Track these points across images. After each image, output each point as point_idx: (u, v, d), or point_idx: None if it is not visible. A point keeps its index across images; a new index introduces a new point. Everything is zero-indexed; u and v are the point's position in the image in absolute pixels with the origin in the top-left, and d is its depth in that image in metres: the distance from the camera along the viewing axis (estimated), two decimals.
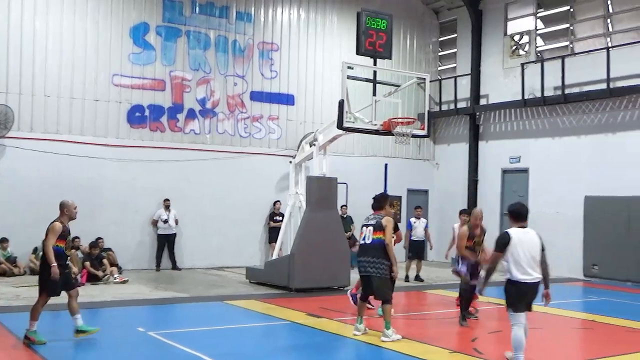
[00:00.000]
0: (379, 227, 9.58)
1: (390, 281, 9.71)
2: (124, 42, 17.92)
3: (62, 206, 9.13)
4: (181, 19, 18.72)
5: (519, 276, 7.83)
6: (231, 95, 19.47)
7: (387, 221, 9.68)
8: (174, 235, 18.17)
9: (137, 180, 17.83)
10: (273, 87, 20.19)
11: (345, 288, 14.60)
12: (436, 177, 23.47)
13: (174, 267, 18.07)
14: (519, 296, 7.87)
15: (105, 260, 15.58)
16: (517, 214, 8.09)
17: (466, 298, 11.05)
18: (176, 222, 18.09)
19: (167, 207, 17.99)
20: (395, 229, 11.23)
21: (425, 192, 23.19)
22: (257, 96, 19.90)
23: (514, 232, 7.94)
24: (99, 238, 16.17)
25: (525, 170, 20.59)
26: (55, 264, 8.74)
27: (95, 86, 17.53)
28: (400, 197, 21.90)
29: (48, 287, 8.92)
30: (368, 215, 10.01)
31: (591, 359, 8.98)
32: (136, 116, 18.06)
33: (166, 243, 18.08)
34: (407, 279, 16.78)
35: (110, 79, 17.73)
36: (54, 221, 9.03)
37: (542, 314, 12.49)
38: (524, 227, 8.03)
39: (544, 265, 8.01)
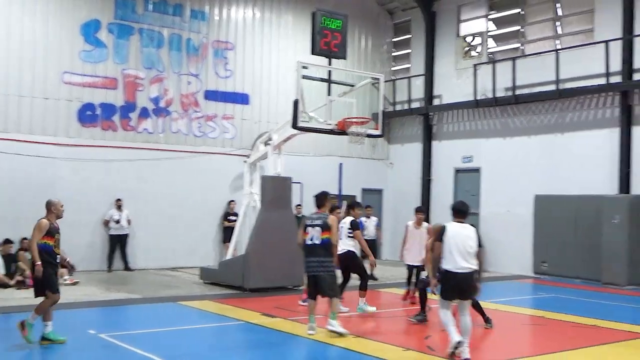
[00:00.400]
0: (326, 227, 9.77)
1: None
2: (74, 40, 17.58)
3: (49, 204, 9.16)
4: (134, 16, 18.45)
5: (451, 266, 8.42)
6: (185, 94, 19.29)
7: (332, 220, 9.88)
8: (127, 235, 17.92)
9: (88, 180, 17.51)
10: (228, 86, 20.07)
11: (300, 287, 14.65)
12: (390, 177, 23.66)
13: (126, 267, 17.82)
14: (452, 284, 8.45)
15: None
16: (457, 210, 8.83)
17: (425, 297, 11.12)
18: (129, 222, 17.84)
19: (119, 207, 17.74)
20: (355, 227, 11.41)
21: (380, 191, 23.37)
22: (211, 95, 19.76)
23: (451, 225, 8.65)
24: None
25: (477, 170, 20.92)
26: (40, 262, 8.72)
27: (44, 84, 17.15)
28: (355, 196, 21.98)
29: (47, 286, 8.86)
30: (311, 215, 10.19)
31: (541, 354, 9.15)
32: (87, 115, 17.74)
33: (118, 243, 17.82)
34: None
35: (60, 77, 17.38)
36: (40, 219, 8.98)
37: (494, 310, 12.74)
38: (463, 222, 8.69)
39: (479, 261, 8.56)
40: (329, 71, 14.60)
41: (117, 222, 17.64)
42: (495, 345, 9.93)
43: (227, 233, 18.64)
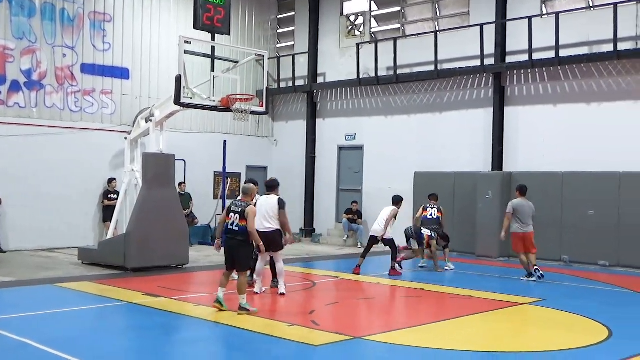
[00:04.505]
0: None
1: None
2: None
3: (250, 190, 10.18)
4: None
5: (257, 225, 10.48)
6: (60, 67, 18.37)
7: None
8: None
9: None
10: (106, 59, 19.28)
11: (184, 265, 14.50)
12: (275, 154, 23.71)
13: None
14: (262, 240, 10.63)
15: None
16: (266, 186, 11.69)
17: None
18: None
19: None
20: (282, 206, 11.46)
21: (264, 168, 23.36)
22: (88, 69, 18.92)
23: (261, 197, 11.39)
24: None
25: (360, 147, 21.34)
26: (262, 244, 10.05)
27: None
28: (239, 173, 21.90)
29: (250, 264, 10.26)
30: None
31: (418, 325, 9.49)
32: None
33: None
34: None
35: None
36: (248, 205, 9.81)
37: (375, 284, 13.15)
38: (269, 194, 11.41)
39: (281, 220, 11.22)
40: (213, 47, 14.38)
41: None
42: (374, 317, 10.22)
43: (107, 212, 18.09)
